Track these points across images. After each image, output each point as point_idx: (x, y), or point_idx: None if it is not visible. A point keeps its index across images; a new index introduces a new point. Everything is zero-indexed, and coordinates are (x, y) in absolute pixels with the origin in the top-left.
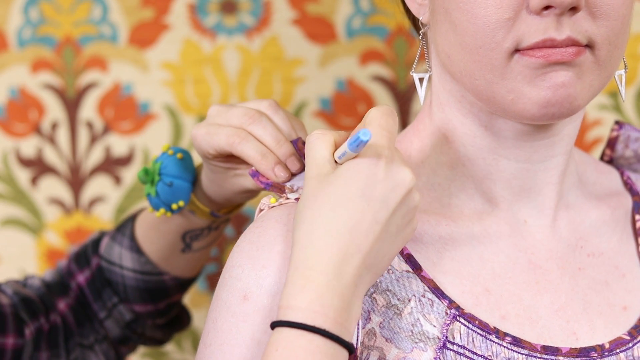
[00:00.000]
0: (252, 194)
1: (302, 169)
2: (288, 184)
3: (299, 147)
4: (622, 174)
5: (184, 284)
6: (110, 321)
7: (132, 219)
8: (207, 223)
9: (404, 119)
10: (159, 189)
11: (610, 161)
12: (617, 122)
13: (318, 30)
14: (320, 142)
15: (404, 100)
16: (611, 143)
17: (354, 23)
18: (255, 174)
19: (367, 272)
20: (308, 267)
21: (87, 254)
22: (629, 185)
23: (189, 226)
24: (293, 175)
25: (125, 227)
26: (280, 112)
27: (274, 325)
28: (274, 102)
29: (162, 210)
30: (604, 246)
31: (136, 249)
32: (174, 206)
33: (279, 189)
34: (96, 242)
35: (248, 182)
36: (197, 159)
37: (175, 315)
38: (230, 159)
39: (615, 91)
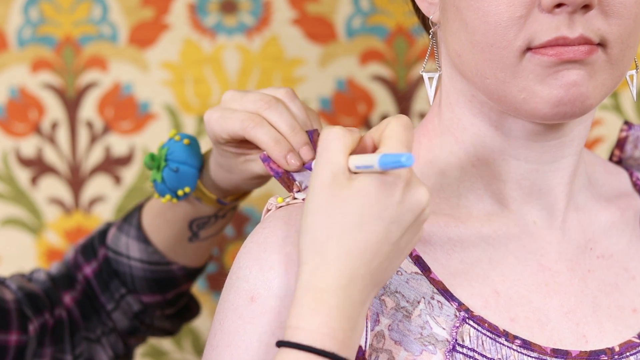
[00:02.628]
0: (261, 180)
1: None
2: (297, 180)
3: (314, 139)
4: (631, 175)
5: (193, 274)
6: (118, 313)
7: (139, 208)
8: (214, 210)
9: None
10: (165, 175)
11: (619, 162)
12: (626, 123)
13: (318, 30)
14: (338, 145)
15: (404, 100)
16: (620, 143)
17: (354, 23)
18: (266, 159)
19: (373, 288)
20: (319, 290)
21: (93, 245)
22: (638, 187)
23: (196, 214)
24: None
25: (131, 217)
26: (297, 101)
27: (280, 344)
28: (291, 90)
29: (167, 196)
30: (613, 248)
31: (143, 238)
32: (180, 192)
33: (287, 182)
34: (103, 233)
35: (258, 168)
36: (204, 147)
37: (184, 305)
38: (243, 144)
39: (615, 91)
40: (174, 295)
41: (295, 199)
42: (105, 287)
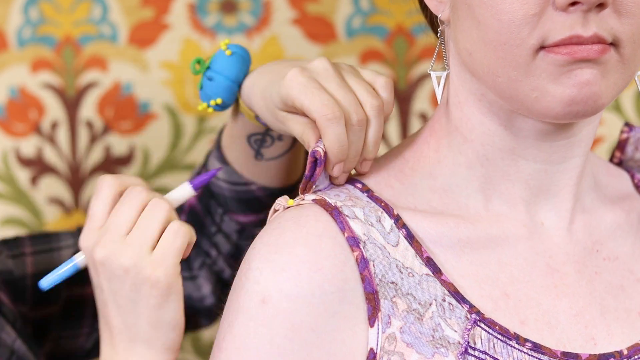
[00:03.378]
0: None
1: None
2: (316, 184)
3: None
4: (632, 177)
5: (275, 194)
6: (221, 236)
7: (222, 129)
8: (263, 128)
9: (404, 119)
10: (203, 82)
11: (619, 163)
12: (627, 124)
13: (318, 30)
14: None
15: (403, 100)
16: (621, 145)
17: (354, 23)
18: (319, 156)
19: (130, 343)
20: None
21: (200, 169)
22: None
23: (250, 129)
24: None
25: (217, 138)
26: (393, 94)
27: None
28: (392, 84)
29: (204, 104)
30: (619, 250)
31: (222, 158)
32: (212, 102)
33: (306, 183)
34: (207, 156)
35: (295, 130)
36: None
37: None
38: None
39: None
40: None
41: (303, 199)
42: (207, 209)
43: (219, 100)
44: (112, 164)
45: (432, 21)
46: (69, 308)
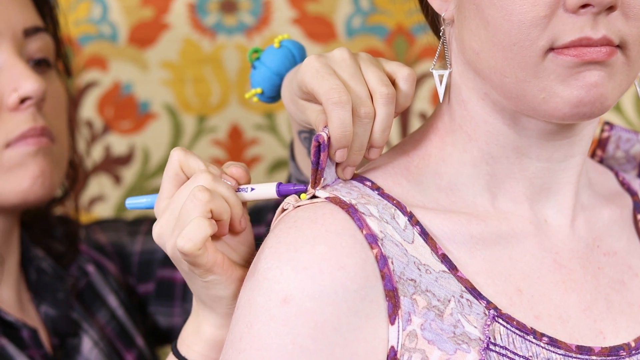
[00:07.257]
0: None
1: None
2: (323, 176)
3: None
4: (616, 175)
5: None
6: None
7: None
8: (308, 127)
9: (404, 119)
10: (251, 71)
11: (600, 162)
12: (607, 123)
13: (318, 29)
14: None
15: None
16: (602, 144)
17: (353, 22)
18: (322, 141)
19: (197, 302)
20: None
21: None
22: (626, 186)
23: (298, 125)
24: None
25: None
26: (414, 89)
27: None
28: (414, 76)
29: (251, 92)
30: (616, 246)
31: (292, 154)
32: (253, 90)
33: (315, 174)
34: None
35: (311, 118)
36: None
37: None
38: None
39: None
40: None
41: (316, 197)
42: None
43: (259, 90)
44: (112, 164)
45: (433, 20)
46: (161, 288)
